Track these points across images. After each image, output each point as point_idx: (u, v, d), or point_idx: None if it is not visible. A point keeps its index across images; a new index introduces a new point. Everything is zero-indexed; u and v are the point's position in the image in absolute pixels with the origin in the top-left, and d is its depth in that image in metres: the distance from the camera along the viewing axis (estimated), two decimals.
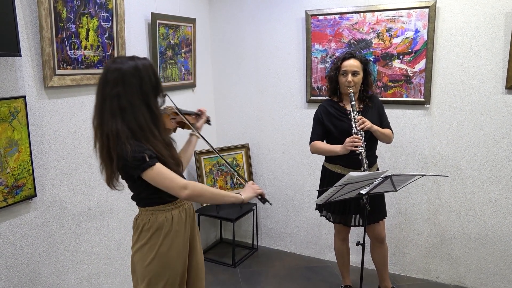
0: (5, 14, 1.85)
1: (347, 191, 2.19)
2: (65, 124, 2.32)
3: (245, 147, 3.71)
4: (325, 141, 2.70)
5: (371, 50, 3.09)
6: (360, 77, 2.55)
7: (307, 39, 3.29)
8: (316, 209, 2.86)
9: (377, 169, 2.72)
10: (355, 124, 2.46)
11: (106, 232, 2.62)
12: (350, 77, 2.52)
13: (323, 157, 3.50)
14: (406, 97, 3.04)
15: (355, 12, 3.09)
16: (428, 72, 2.93)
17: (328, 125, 2.61)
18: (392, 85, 3.07)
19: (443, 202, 3.07)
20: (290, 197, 3.66)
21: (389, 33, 3.02)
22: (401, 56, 3.00)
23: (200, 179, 3.53)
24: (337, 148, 2.53)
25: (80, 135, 2.42)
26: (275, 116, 3.60)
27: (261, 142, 3.71)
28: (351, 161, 2.54)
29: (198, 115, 2.09)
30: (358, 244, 2.39)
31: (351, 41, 3.15)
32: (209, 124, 2.22)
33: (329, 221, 2.79)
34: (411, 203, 3.17)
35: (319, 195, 2.29)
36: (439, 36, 2.90)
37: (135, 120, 1.59)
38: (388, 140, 2.66)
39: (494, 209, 2.92)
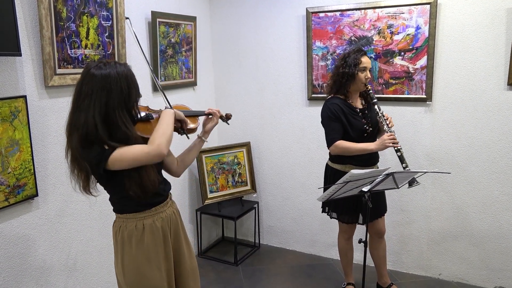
0: (5, 14, 1.85)
1: (349, 189, 2.18)
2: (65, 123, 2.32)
3: (247, 145, 3.71)
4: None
5: (372, 47, 3.07)
6: None
7: (308, 37, 3.28)
8: (323, 212, 2.81)
9: (377, 167, 2.71)
10: (386, 122, 2.44)
11: (108, 231, 2.62)
12: (369, 74, 2.50)
13: (325, 155, 3.49)
14: (407, 94, 3.03)
15: (356, 9, 3.08)
16: (429, 68, 2.92)
17: (345, 123, 2.52)
18: (394, 82, 3.06)
19: (445, 199, 3.07)
20: (291, 195, 3.66)
21: (390, 30, 3.00)
22: (402, 53, 2.99)
23: (201, 177, 3.53)
24: (370, 146, 2.46)
25: None
26: (276, 114, 3.59)
27: (262, 140, 3.71)
28: (362, 159, 2.53)
29: (209, 115, 1.95)
30: (360, 241, 2.39)
31: (352, 38, 3.14)
32: (227, 123, 2.06)
33: (342, 222, 2.73)
34: (413, 200, 3.17)
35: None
36: (441, 33, 2.89)
37: (85, 132, 1.52)
38: None
39: (497, 206, 2.92)
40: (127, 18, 2.32)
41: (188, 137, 1.83)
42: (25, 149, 2.06)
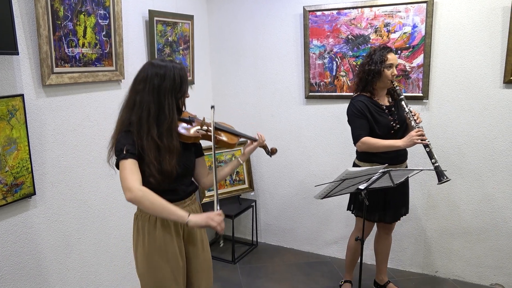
0: (2, 12, 1.84)
1: (346, 187, 2.19)
2: (63, 122, 2.32)
3: (244, 143, 3.71)
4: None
5: (369, 45, 3.08)
6: None
7: (305, 35, 3.29)
8: (348, 210, 2.79)
9: (406, 166, 2.69)
10: (414, 117, 2.42)
11: (106, 230, 2.63)
12: (395, 70, 2.48)
13: (323, 153, 3.50)
14: (404, 92, 3.04)
15: (352, 8, 3.09)
16: (426, 67, 2.94)
17: (371, 120, 2.50)
18: None
19: (441, 197, 3.08)
20: (289, 194, 3.67)
21: (387, 28, 3.02)
22: (399, 51, 3.00)
23: None
24: (398, 143, 2.42)
25: (79, 133, 2.42)
26: (274, 113, 3.60)
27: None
28: (388, 157, 2.50)
29: (253, 139, 2.07)
30: (357, 239, 2.40)
31: (349, 36, 3.15)
32: (269, 155, 2.18)
33: (369, 221, 2.66)
34: (409, 198, 3.17)
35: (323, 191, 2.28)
36: (437, 31, 2.90)
37: (139, 114, 1.66)
38: None
39: (493, 203, 2.93)
40: (212, 106, 1.98)
41: (220, 243, 1.86)
42: (23, 147, 2.06)
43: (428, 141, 2.37)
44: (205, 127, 1.86)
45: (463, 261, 3.09)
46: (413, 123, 2.42)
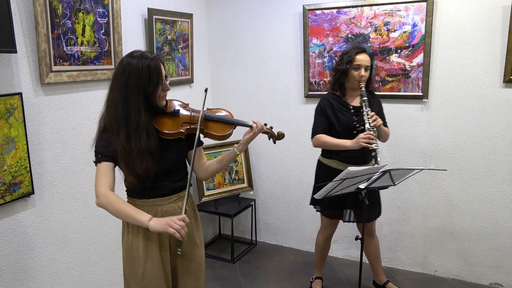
0: (0, 10, 1.83)
1: (346, 186, 2.18)
2: (62, 121, 2.31)
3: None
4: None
5: (369, 44, 3.08)
6: (369, 72, 2.53)
7: (305, 34, 3.28)
8: (310, 204, 2.84)
9: (373, 164, 2.70)
10: (369, 120, 2.41)
11: (104, 229, 2.62)
12: (363, 72, 2.48)
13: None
14: (404, 92, 3.04)
15: (352, 7, 3.08)
16: (426, 66, 2.93)
17: (331, 117, 2.55)
18: (390, 79, 3.06)
19: (441, 196, 3.08)
20: (288, 193, 3.66)
21: (387, 27, 3.01)
22: (399, 51, 3.00)
23: None
24: (347, 143, 2.44)
25: (78, 132, 2.41)
26: (273, 112, 3.59)
27: (259, 138, 3.68)
28: (348, 156, 2.53)
29: (248, 126, 1.93)
30: (357, 238, 2.40)
31: (349, 35, 3.14)
32: (274, 142, 2.03)
33: (324, 216, 2.76)
34: (409, 197, 3.18)
35: (317, 190, 2.28)
36: (437, 30, 2.90)
37: (112, 113, 1.63)
38: (386, 138, 2.63)
39: (492, 203, 2.93)
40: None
41: (180, 250, 1.69)
42: (21, 146, 2.05)
43: (376, 146, 2.37)
44: (188, 120, 1.74)
45: (462, 260, 3.09)
46: (367, 125, 2.42)
